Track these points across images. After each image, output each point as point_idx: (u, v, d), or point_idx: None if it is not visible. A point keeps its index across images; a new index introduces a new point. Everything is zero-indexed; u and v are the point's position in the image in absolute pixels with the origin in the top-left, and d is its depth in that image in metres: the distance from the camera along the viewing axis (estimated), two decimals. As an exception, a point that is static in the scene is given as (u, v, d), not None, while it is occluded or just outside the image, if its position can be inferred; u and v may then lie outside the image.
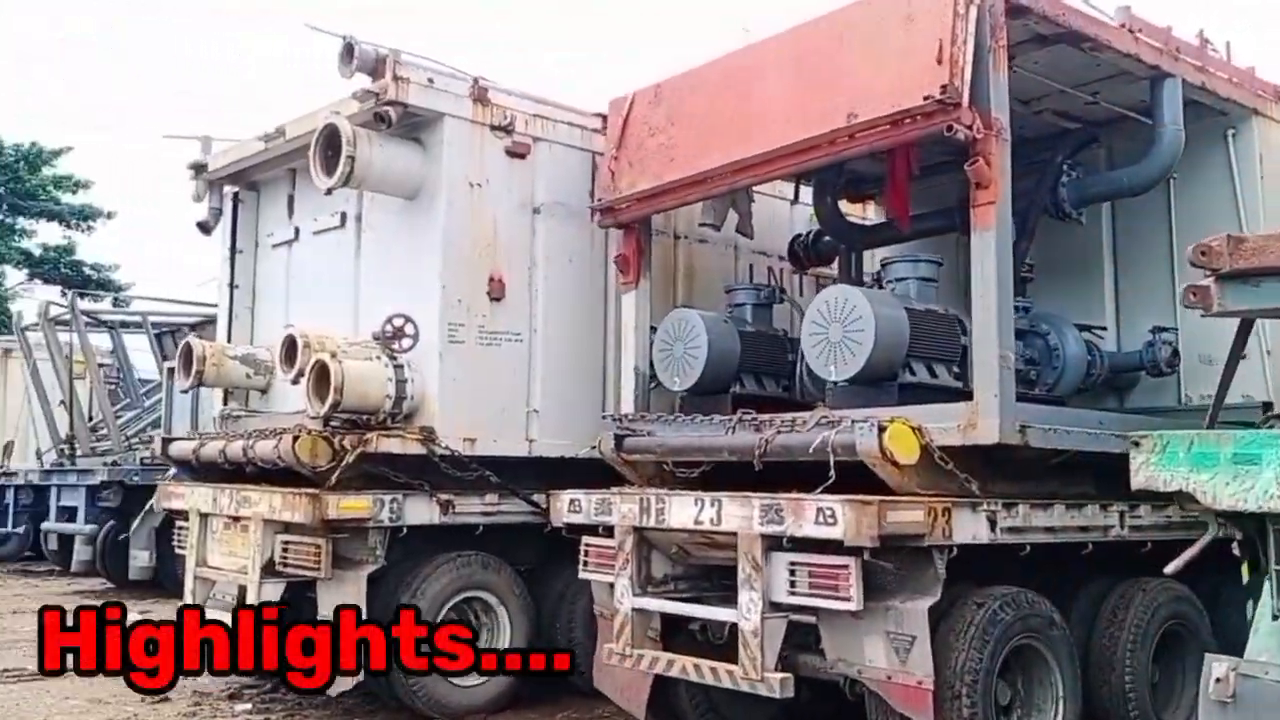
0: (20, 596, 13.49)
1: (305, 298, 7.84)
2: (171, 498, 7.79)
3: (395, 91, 6.54)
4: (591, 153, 7.55)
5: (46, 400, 16.77)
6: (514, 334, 7.14)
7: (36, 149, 36.19)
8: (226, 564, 7.21)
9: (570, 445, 7.23)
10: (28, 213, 36.87)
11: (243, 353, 7.93)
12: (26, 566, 17.52)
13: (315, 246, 7.79)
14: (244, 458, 7.00)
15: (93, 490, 13.30)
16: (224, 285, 8.37)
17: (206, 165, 8.24)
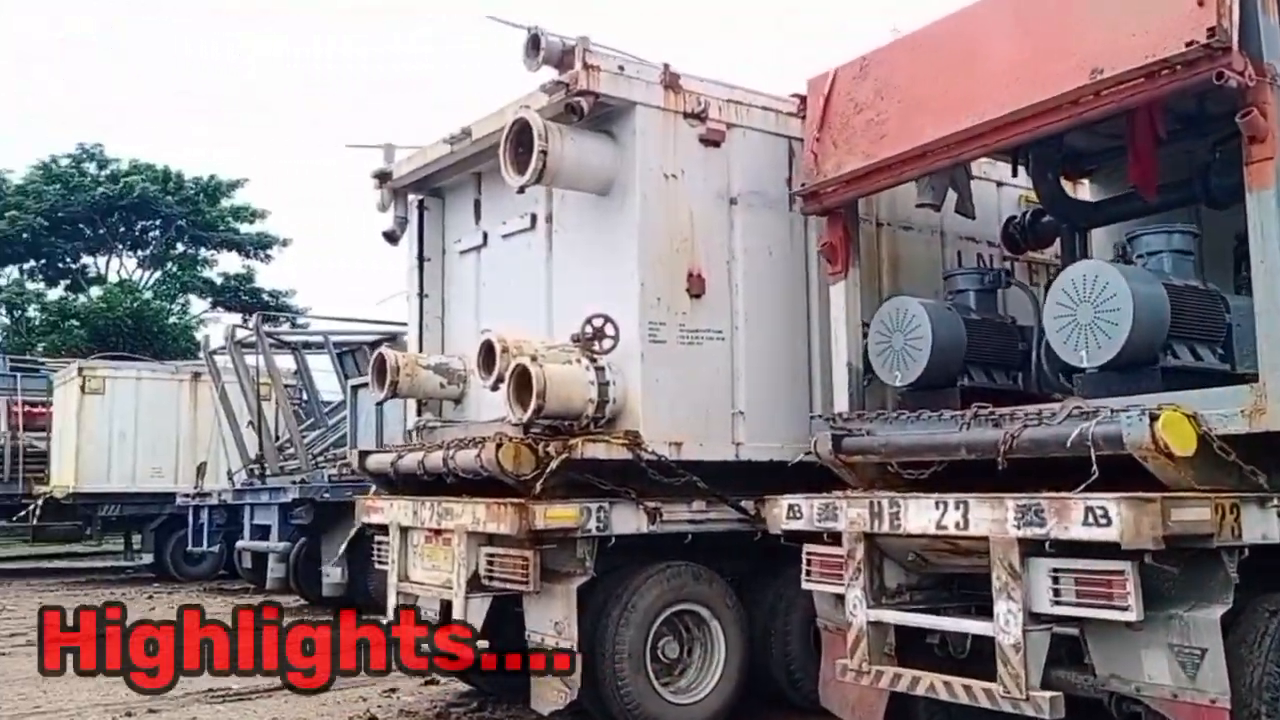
0: (219, 614, 13.91)
1: (496, 303, 7.71)
2: (371, 512, 7.76)
3: (586, 81, 6.33)
4: (788, 138, 7.20)
5: (235, 422, 17.39)
6: (715, 332, 6.83)
7: (215, 181, 38.03)
8: (429, 579, 7.12)
9: (779, 448, 6.89)
10: (209, 243, 38.84)
11: (435, 362, 7.87)
12: (221, 584, 18.19)
13: (504, 250, 7.66)
14: (444, 468, 6.89)
15: (284, 508, 13.62)
16: (412, 295, 8.34)
17: (390, 173, 8.22)
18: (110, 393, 19.03)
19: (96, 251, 38.63)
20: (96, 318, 33.54)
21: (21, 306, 36.11)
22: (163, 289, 38.01)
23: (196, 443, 19.39)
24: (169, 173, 37.32)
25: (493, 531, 6.46)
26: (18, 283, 36.81)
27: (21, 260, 37.03)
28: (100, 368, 19.53)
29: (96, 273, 38.76)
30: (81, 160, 37.39)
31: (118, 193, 35.91)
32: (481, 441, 6.57)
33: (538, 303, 7.24)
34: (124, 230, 37.94)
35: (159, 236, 38.41)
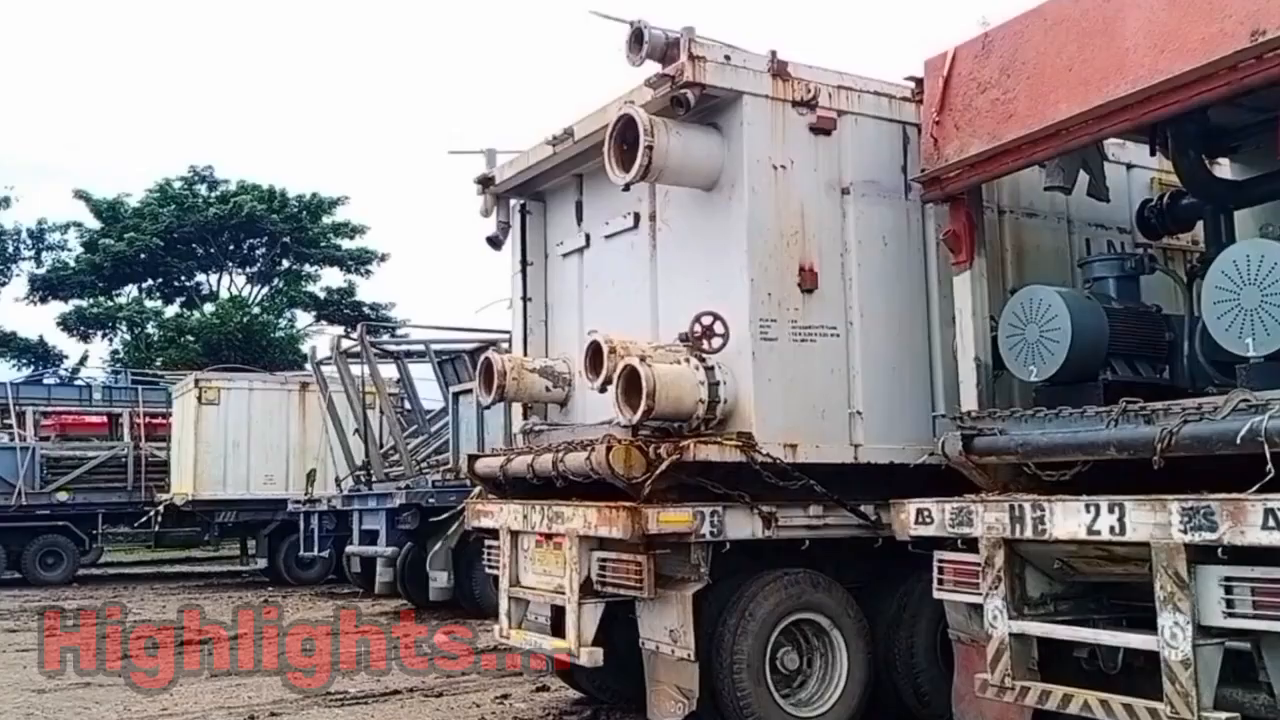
0: (332, 618, 13.83)
1: (599, 305, 7.36)
2: (480, 516, 7.46)
3: (692, 72, 5.93)
4: (901, 124, 6.72)
5: (342, 429, 17.39)
6: (829, 328, 6.38)
7: (317, 199, 38.55)
8: (540, 584, 6.79)
9: (899, 450, 6.41)
10: (312, 259, 39.39)
11: (541, 365, 7.55)
12: (331, 589, 18.22)
13: (607, 251, 7.30)
14: (553, 471, 6.55)
15: (391, 514, 13.48)
16: (516, 299, 8.04)
17: (492, 178, 7.94)
18: (225, 403, 19.22)
19: (209, 269, 39.47)
20: (210, 333, 34.25)
21: (141, 324, 36.99)
22: (270, 304, 38.67)
23: (305, 451, 19.51)
24: (274, 191, 37.95)
25: (605, 536, 6.10)
26: (137, 301, 37.74)
27: (140, 279, 37.99)
28: (215, 379, 19.76)
29: (209, 289, 39.61)
30: (194, 182, 38.23)
31: (227, 212, 36.61)
32: (591, 444, 6.22)
33: (642, 303, 6.86)
34: (233, 248, 38.69)
35: (266, 253, 39.10)
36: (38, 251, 37.86)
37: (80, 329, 36.71)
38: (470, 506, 7.69)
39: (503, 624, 7.12)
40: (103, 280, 36.69)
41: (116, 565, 24.47)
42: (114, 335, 37.40)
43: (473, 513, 7.59)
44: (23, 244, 37.67)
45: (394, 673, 9.41)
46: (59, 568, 20.18)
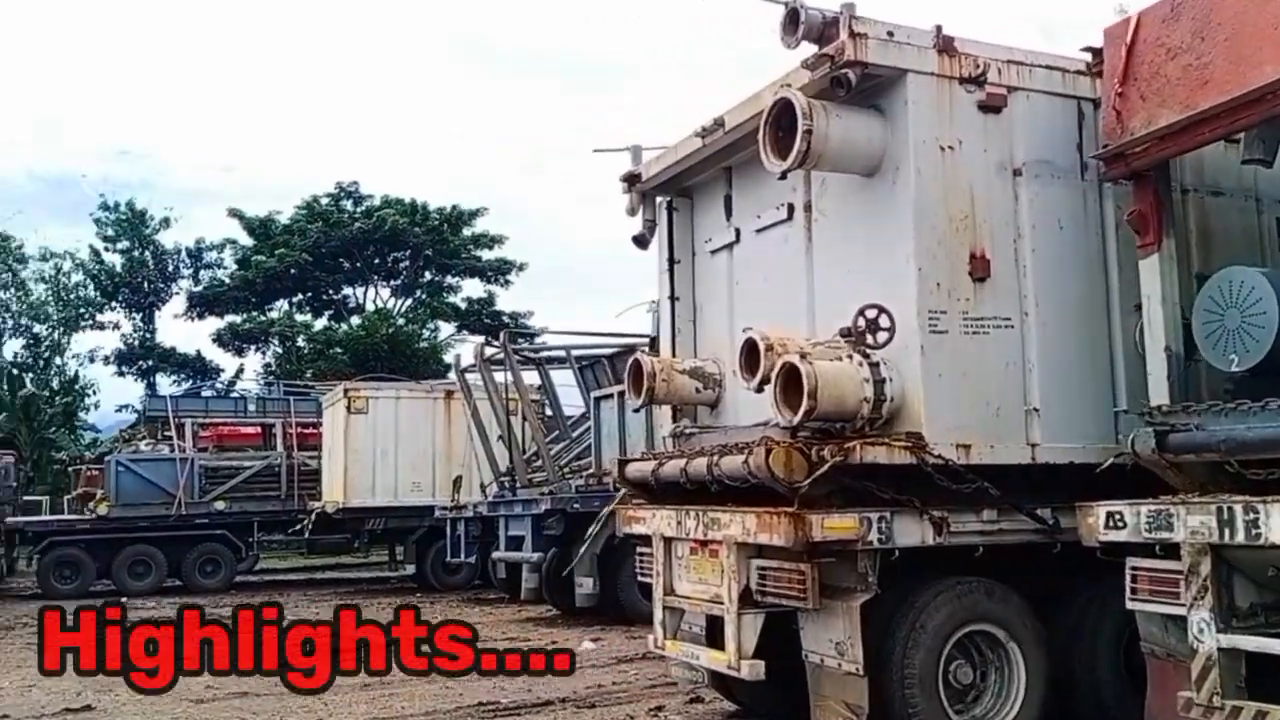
0: (479, 624, 13.92)
1: (751, 303, 7.12)
2: (632, 522, 7.31)
3: (853, 50, 5.65)
4: (1076, 99, 6.30)
5: (486, 436, 17.58)
6: (1003, 319, 6.00)
7: (457, 211, 39.38)
8: (696, 592, 6.59)
9: (1079, 449, 6.00)
10: (453, 271, 40.26)
11: (690, 366, 7.36)
12: (477, 594, 18.42)
13: (759, 246, 7.07)
14: (708, 475, 6.34)
15: (536, 519, 13.51)
16: (663, 299, 7.87)
17: (639, 175, 7.79)
18: (372, 412, 19.66)
19: (355, 283, 40.73)
20: (357, 344, 35.35)
21: (292, 337, 38.42)
22: (414, 315, 39.67)
23: (451, 458, 19.80)
24: (415, 205, 38.94)
25: (764, 543, 5.87)
26: (288, 315, 39.22)
27: (290, 294, 39.48)
28: (363, 388, 20.24)
29: (355, 302, 40.89)
30: (340, 198, 39.53)
31: (371, 227, 37.73)
32: (747, 447, 5.99)
33: (797, 298, 6.60)
34: (378, 262, 39.83)
35: (409, 266, 40.14)
36: (195, 270, 39.78)
37: (235, 343, 38.38)
38: (621, 512, 7.54)
39: (657, 634, 6.95)
40: (255, 296, 38.26)
41: (271, 572, 25.34)
42: (266, 349, 39.00)
43: (624, 519, 7.44)
44: (182, 263, 39.65)
45: (547, 680, 9.35)
46: (217, 575, 20.97)
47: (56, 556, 20.39)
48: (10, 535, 21.63)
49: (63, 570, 20.31)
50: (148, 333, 39.47)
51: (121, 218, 38.65)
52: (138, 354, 38.75)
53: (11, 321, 37.96)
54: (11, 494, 25.80)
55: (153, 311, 39.63)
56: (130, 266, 38.71)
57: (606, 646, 11.09)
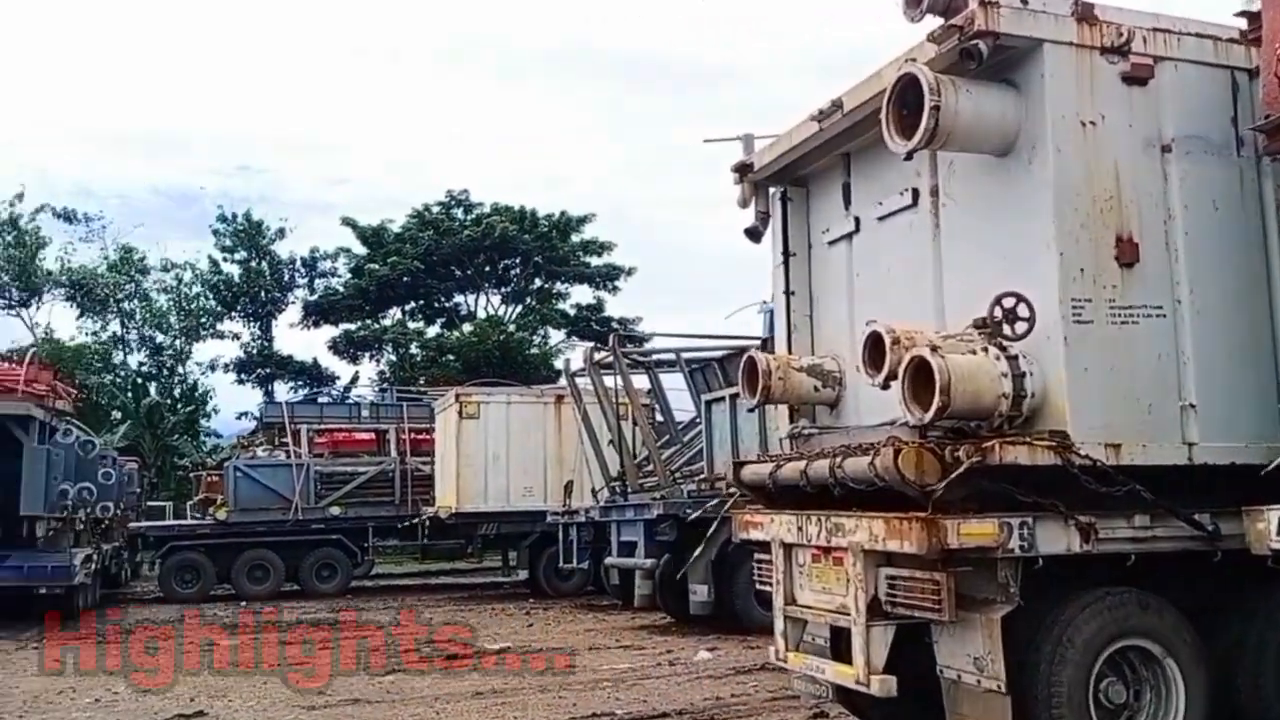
0: (592, 631, 13.80)
1: (873, 295, 6.76)
2: (749, 528, 7.01)
3: (985, 20, 5.28)
4: (1229, 69, 5.81)
5: (597, 441, 17.48)
6: (1153, 307, 5.54)
7: (565, 217, 39.60)
8: (819, 602, 6.26)
9: (1242, 448, 5.52)
10: (562, 277, 40.49)
11: (808, 363, 7.03)
12: (590, 600, 18.30)
13: (881, 235, 6.71)
14: (830, 478, 6.01)
15: (649, 525, 13.30)
16: (778, 294, 7.56)
17: (751, 165, 7.51)
18: (484, 417, 19.77)
19: (466, 290, 41.26)
20: (468, 351, 35.79)
21: (405, 344, 39.10)
22: (524, 322, 40.01)
23: (562, 462, 19.78)
24: (525, 212, 39.26)
25: (894, 550, 5.51)
26: (400, 323, 39.92)
27: (403, 302, 40.19)
28: (475, 394, 20.37)
29: (467, 310, 41.42)
30: (450, 207, 40.09)
31: (481, 234, 38.17)
32: (873, 447, 5.66)
33: (924, 289, 6.22)
34: (488, 269, 40.29)
35: (519, 273, 40.50)
36: (310, 279, 40.78)
37: (349, 351, 39.27)
38: (737, 518, 7.25)
39: (778, 645, 6.63)
40: (369, 304, 39.05)
41: (386, 577, 25.71)
42: (380, 356, 39.78)
43: (740, 524, 7.15)
44: (297, 272, 40.66)
45: (662, 689, 9.14)
46: (333, 580, 21.35)
47: (178, 561, 21.01)
48: (133, 540, 22.35)
49: (184, 574, 20.92)
50: (265, 341, 40.64)
51: (239, 229, 39.86)
52: (256, 362, 39.89)
53: (136, 332, 39.42)
54: (135, 500, 26.75)
55: (270, 320, 40.81)
56: (247, 276, 39.86)
57: (723, 656, 10.81)
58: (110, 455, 22.54)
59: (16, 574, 15.86)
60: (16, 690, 9.90)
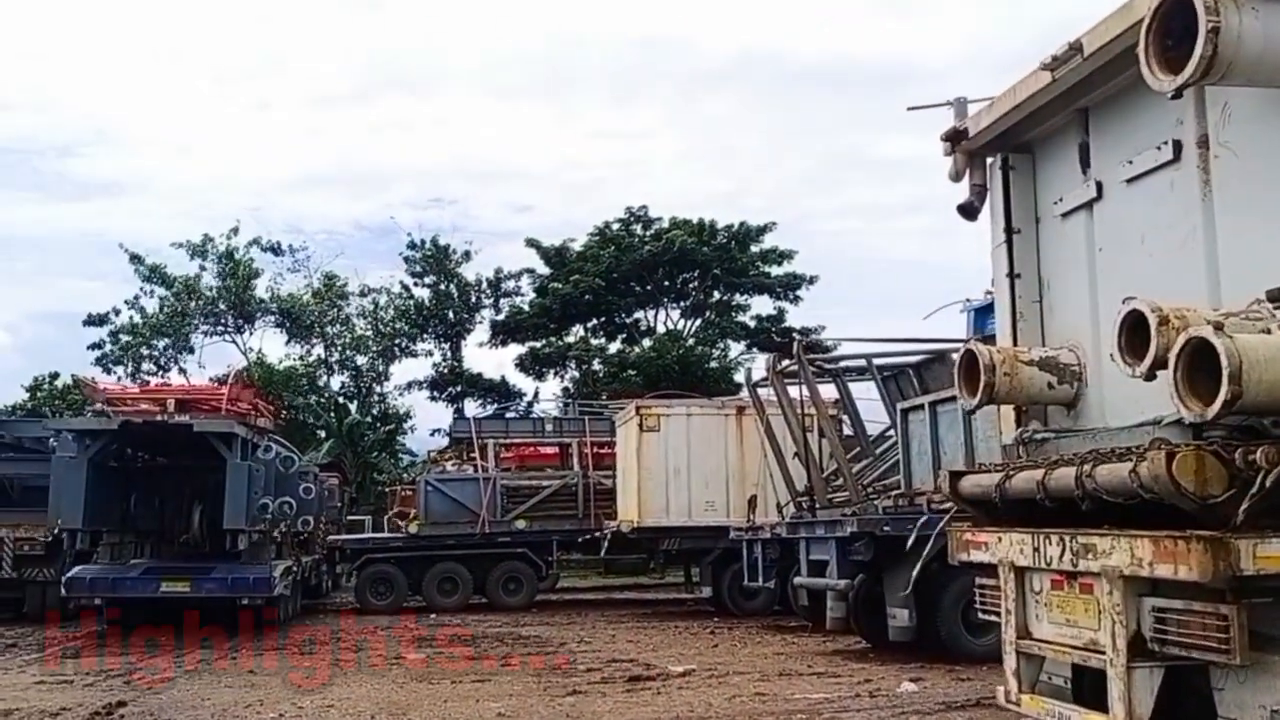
0: (781, 655, 12.82)
1: (1121, 271, 5.63)
2: (969, 548, 5.97)
3: (1278, -87, 4.18)
4: None
5: (781, 454, 16.52)
6: None
7: (745, 228, 38.77)
8: (1061, 637, 5.18)
9: None
10: (742, 289, 39.62)
11: (1040, 356, 5.95)
12: (777, 621, 17.29)
13: (1132, 199, 5.58)
14: (1077, 490, 4.95)
15: (842, 543, 12.22)
16: (1000, 277, 6.50)
17: (965, 131, 6.48)
18: (664, 430, 19.07)
19: (646, 305, 40.87)
20: (649, 366, 35.35)
21: (588, 360, 39.01)
22: (704, 335, 39.33)
23: (744, 477, 18.88)
24: (704, 224, 38.61)
25: (1164, 577, 4.42)
26: (583, 339, 39.84)
27: (585, 319, 40.12)
28: (655, 406, 19.71)
29: (647, 325, 41.05)
30: (630, 223, 39.82)
31: (661, 249, 37.72)
32: (1136, 452, 4.58)
33: (1192, 260, 5.08)
34: (668, 284, 39.80)
35: (698, 286, 39.88)
36: (496, 299, 41.22)
37: (535, 368, 39.45)
38: (954, 536, 6.20)
39: (1010, 686, 5.57)
40: (553, 322, 39.13)
41: (571, 591, 25.34)
42: (564, 372, 39.81)
43: (959, 543, 6.11)
44: (483, 293, 41.17)
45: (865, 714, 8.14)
46: (519, 593, 21.05)
47: (372, 573, 21.12)
48: (331, 552, 22.64)
49: (378, 586, 21.00)
50: (456, 360, 41.25)
51: (427, 254, 40.64)
52: (447, 380, 40.53)
53: (338, 355, 40.70)
54: (336, 513, 27.32)
55: (459, 340, 41.42)
56: (436, 299, 40.60)
57: (929, 689, 9.67)
58: (311, 471, 23.05)
59: (221, 585, 16.08)
60: (206, 703, 9.70)
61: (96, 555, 16.90)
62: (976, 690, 9.49)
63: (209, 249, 38.90)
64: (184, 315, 38.07)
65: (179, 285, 38.30)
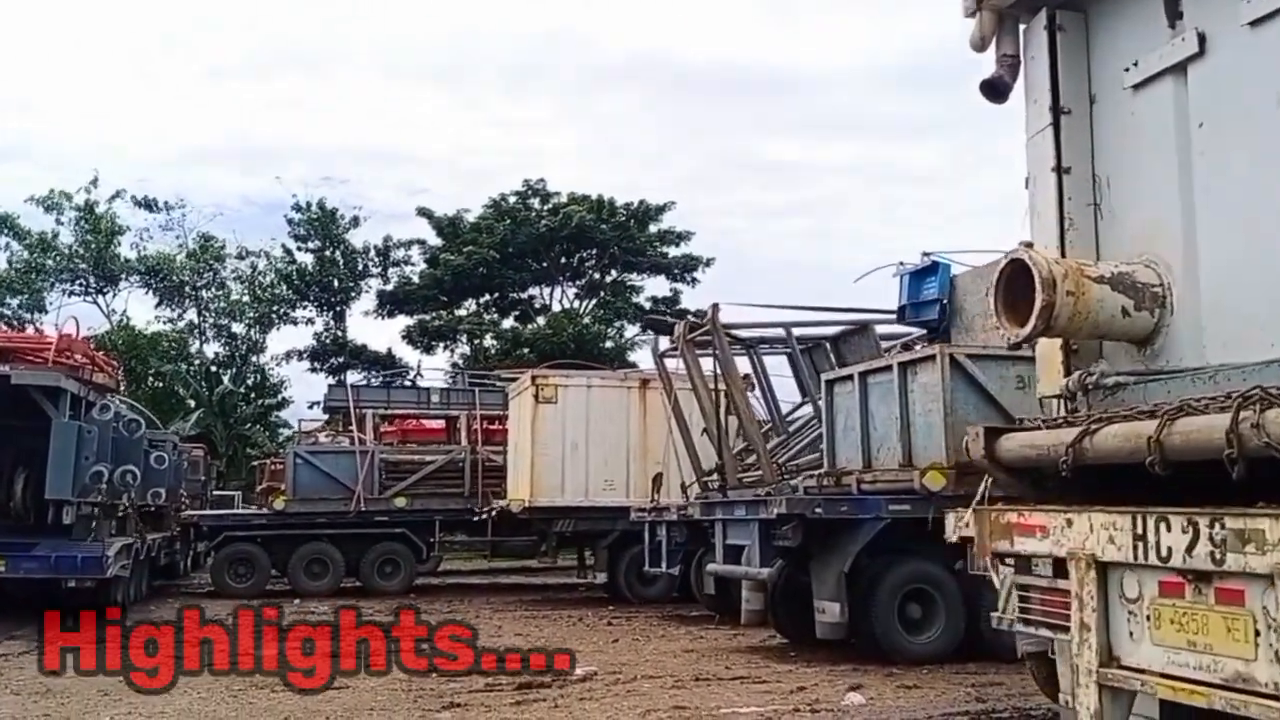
0: (692, 653, 10.99)
1: (1237, 150, 3.93)
2: (1016, 535, 4.17)
3: None
4: None
5: (688, 429, 14.77)
6: None
7: (644, 206, 37.03)
8: (1180, 667, 3.43)
9: None
10: (638, 268, 37.86)
11: (1111, 273, 4.20)
12: (678, 610, 15.53)
13: (1258, 47, 3.87)
14: (1229, 448, 3.19)
15: (767, 526, 10.45)
16: (1042, 172, 4.72)
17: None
18: (562, 402, 17.12)
19: (541, 283, 38.79)
20: (544, 343, 33.33)
21: (479, 335, 36.73)
22: (599, 315, 37.42)
23: (647, 454, 17.06)
24: (603, 201, 36.69)
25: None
26: (476, 314, 37.50)
27: (478, 294, 37.77)
28: (552, 376, 17.73)
29: (542, 303, 38.96)
30: (527, 196, 37.65)
31: (558, 224, 35.65)
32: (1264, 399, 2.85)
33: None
34: (564, 261, 37.78)
35: (594, 264, 37.94)
36: (385, 268, 38.59)
37: (423, 341, 36.95)
38: (989, 518, 4.39)
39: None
40: (444, 294, 36.71)
41: (454, 574, 23.17)
42: (455, 347, 37.46)
43: (996, 529, 4.30)
44: (371, 261, 38.48)
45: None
46: (396, 576, 18.85)
47: (231, 553, 18.65)
48: (186, 530, 19.99)
49: (237, 568, 18.57)
50: (339, 330, 38.50)
51: (312, 217, 37.74)
52: (330, 351, 37.76)
53: (212, 319, 37.55)
54: (199, 488, 24.59)
55: (344, 309, 38.68)
56: (321, 265, 37.75)
57: (877, 699, 7.97)
58: (169, 440, 20.39)
59: (43, 565, 13.52)
60: None
61: (-102, 528, 14.11)
62: (931, 703, 7.85)
63: (63, 203, 35.23)
64: (37, 272, 34.36)
65: (32, 239, 34.59)
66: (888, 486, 10.32)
